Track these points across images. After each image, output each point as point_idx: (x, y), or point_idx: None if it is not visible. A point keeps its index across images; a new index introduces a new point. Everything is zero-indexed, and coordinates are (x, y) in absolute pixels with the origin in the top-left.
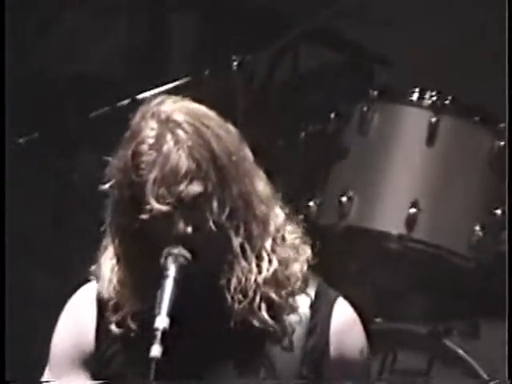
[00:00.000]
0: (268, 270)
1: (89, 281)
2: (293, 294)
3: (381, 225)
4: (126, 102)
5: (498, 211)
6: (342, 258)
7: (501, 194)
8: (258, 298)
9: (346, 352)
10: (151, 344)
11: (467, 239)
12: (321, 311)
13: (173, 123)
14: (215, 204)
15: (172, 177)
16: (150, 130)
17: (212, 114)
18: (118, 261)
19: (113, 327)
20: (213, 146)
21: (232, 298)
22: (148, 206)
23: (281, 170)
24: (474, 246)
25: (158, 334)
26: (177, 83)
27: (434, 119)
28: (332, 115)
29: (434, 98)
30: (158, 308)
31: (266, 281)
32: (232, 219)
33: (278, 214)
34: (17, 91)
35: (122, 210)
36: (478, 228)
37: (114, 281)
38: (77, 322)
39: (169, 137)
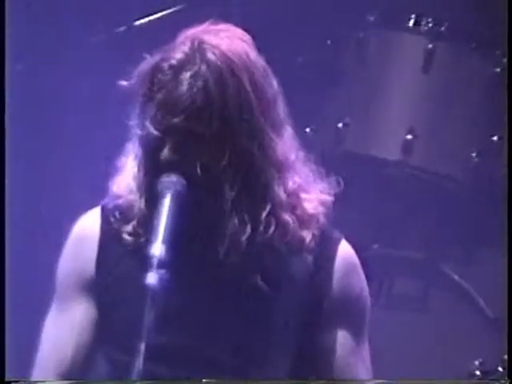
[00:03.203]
0: (267, 232)
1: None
2: (295, 239)
3: (378, 151)
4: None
5: (495, 137)
6: None
7: (497, 120)
8: (256, 246)
9: (349, 291)
10: (146, 271)
11: (464, 165)
12: (325, 253)
13: (202, 55)
14: (208, 151)
15: (173, 105)
16: (180, 53)
17: (252, 57)
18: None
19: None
20: (228, 95)
21: (226, 250)
22: (146, 123)
23: None
24: (470, 172)
25: (154, 262)
26: (172, 10)
27: (430, 46)
28: (328, 41)
29: (431, 25)
30: (154, 235)
31: (264, 240)
32: (226, 173)
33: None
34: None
35: (137, 111)
36: (474, 154)
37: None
38: (79, 250)
39: (191, 67)
